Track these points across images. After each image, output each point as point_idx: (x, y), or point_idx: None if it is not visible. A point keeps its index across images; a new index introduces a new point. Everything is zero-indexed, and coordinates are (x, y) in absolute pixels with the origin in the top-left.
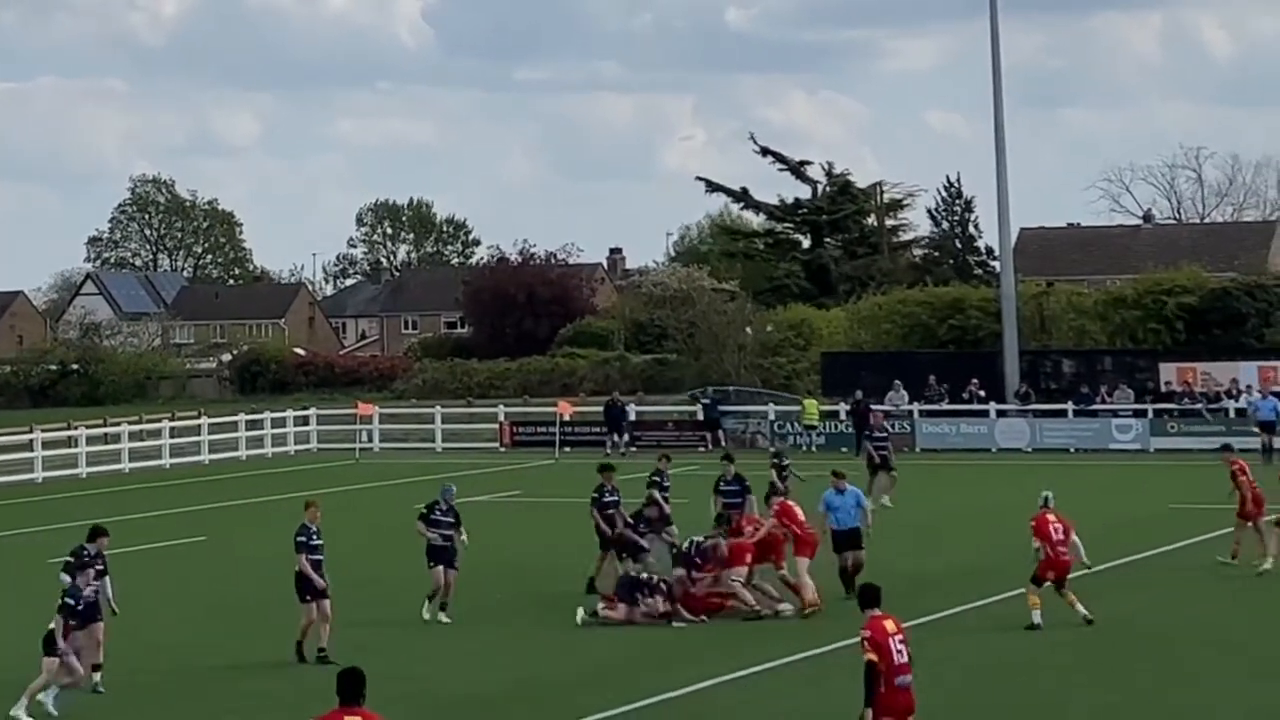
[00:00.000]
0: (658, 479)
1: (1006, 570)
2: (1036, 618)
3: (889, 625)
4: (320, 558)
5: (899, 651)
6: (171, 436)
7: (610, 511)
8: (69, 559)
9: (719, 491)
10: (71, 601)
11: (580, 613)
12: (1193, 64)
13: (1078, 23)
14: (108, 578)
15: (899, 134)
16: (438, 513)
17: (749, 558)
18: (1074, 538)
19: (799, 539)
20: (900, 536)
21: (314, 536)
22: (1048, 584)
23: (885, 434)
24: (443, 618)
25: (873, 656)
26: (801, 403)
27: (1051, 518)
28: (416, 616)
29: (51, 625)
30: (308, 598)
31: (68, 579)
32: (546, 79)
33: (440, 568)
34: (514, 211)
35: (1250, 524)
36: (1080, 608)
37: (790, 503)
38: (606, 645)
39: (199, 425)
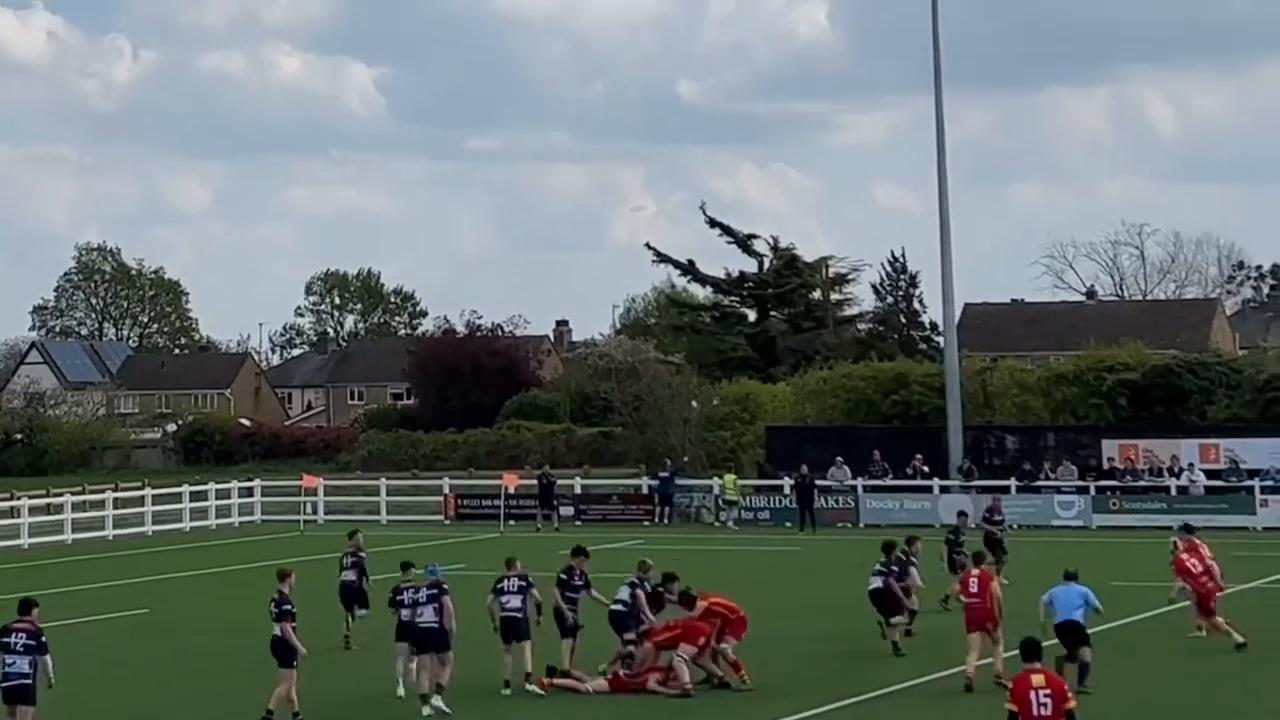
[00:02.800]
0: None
1: (952, 640)
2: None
3: (1036, 679)
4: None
5: (1042, 704)
6: (115, 507)
7: (574, 597)
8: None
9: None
10: None
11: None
12: (1138, 141)
13: (1026, 99)
14: (48, 656)
15: (847, 208)
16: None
17: (702, 639)
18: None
19: (736, 621)
20: (848, 610)
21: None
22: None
23: (1003, 517)
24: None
25: (1013, 707)
26: (722, 477)
27: (1185, 556)
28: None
29: None
30: (295, 663)
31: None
32: (498, 148)
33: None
34: (462, 281)
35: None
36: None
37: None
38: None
39: (143, 496)
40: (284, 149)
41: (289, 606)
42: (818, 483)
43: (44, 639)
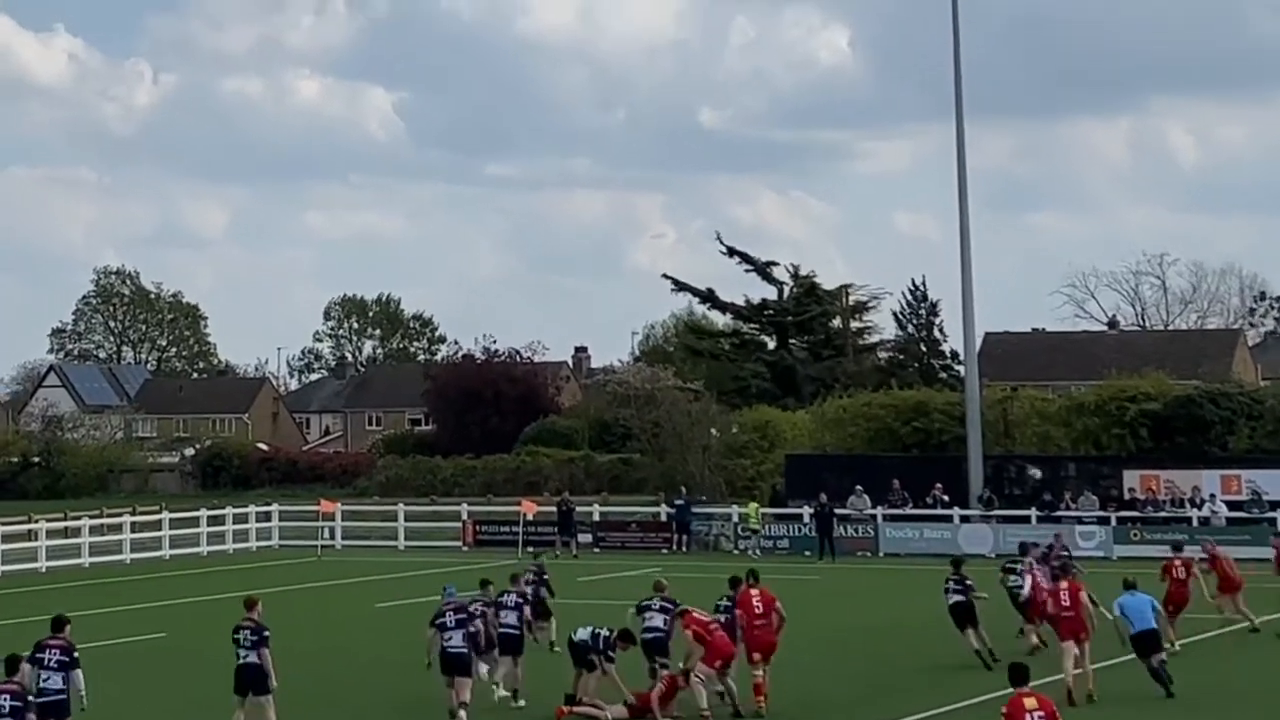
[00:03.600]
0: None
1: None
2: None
3: (1029, 702)
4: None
5: None
6: (133, 531)
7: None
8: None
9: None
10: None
11: None
12: (1159, 170)
13: (1048, 128)
14: (80, 670)
15: (867, 236)
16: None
17: (719, 661)
18: None
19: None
20: (873, 639)
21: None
22: None
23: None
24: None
25: None
26: (745, 505)
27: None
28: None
29: None
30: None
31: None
32: (517, 174)
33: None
34: (481, 307)
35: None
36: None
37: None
38: None
39: (160, 520)
40: (303, 173)
41: (268, 633)
42: (837, 511)
43: (76, 654)
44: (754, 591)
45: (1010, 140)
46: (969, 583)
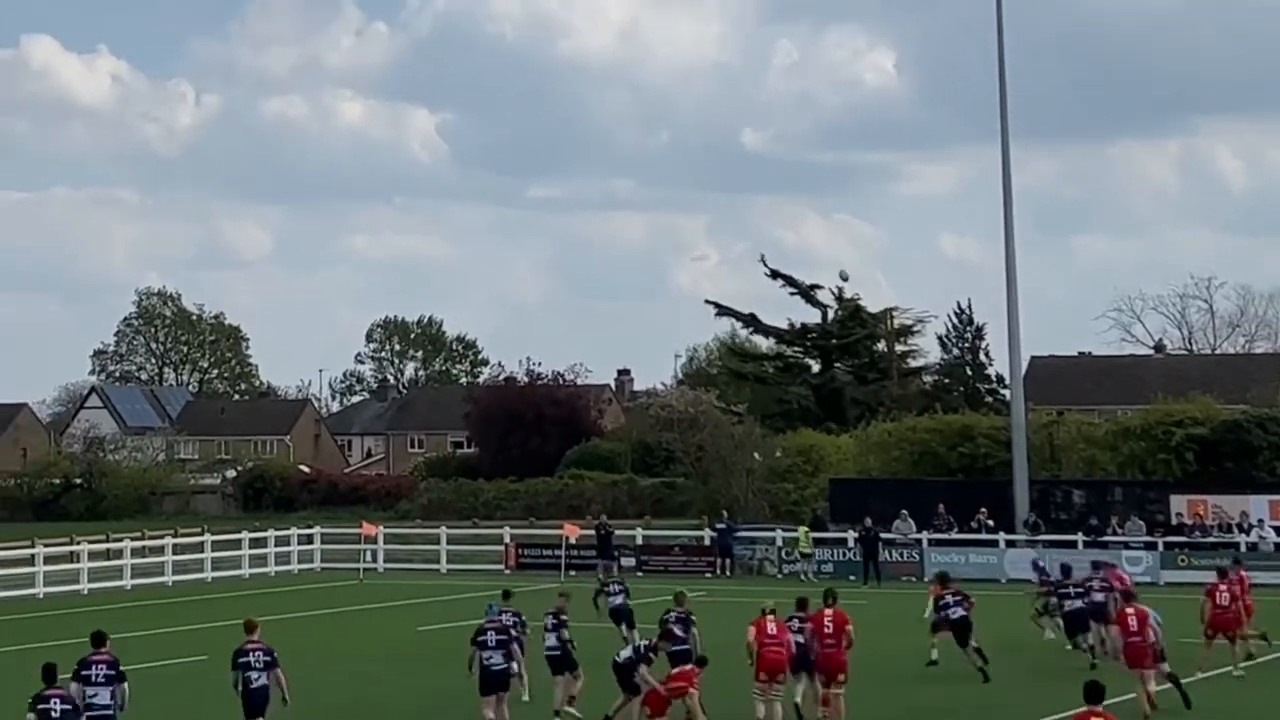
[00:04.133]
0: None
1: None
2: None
3: None
4: None
5: None
6: (174, 553)
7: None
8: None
9: None
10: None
11: None
12: (1207, 193)
13: (1095, 150)
14: (126, 684)
15: (912, 259)
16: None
17: (764, 675)
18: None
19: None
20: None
21: None
22: None
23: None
24: None
25: None
26: (796, 529)
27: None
28: None
29: None
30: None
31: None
32: (560, 196)
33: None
34: (523, 329)
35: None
36: None
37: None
38: None
39: (202, 542)
40: (345, 194)
41: (275, 655)
42: (882, 535)
43: (121, 668)
44: (827, 612)
45: (1057, 163)
46: (967, 597)
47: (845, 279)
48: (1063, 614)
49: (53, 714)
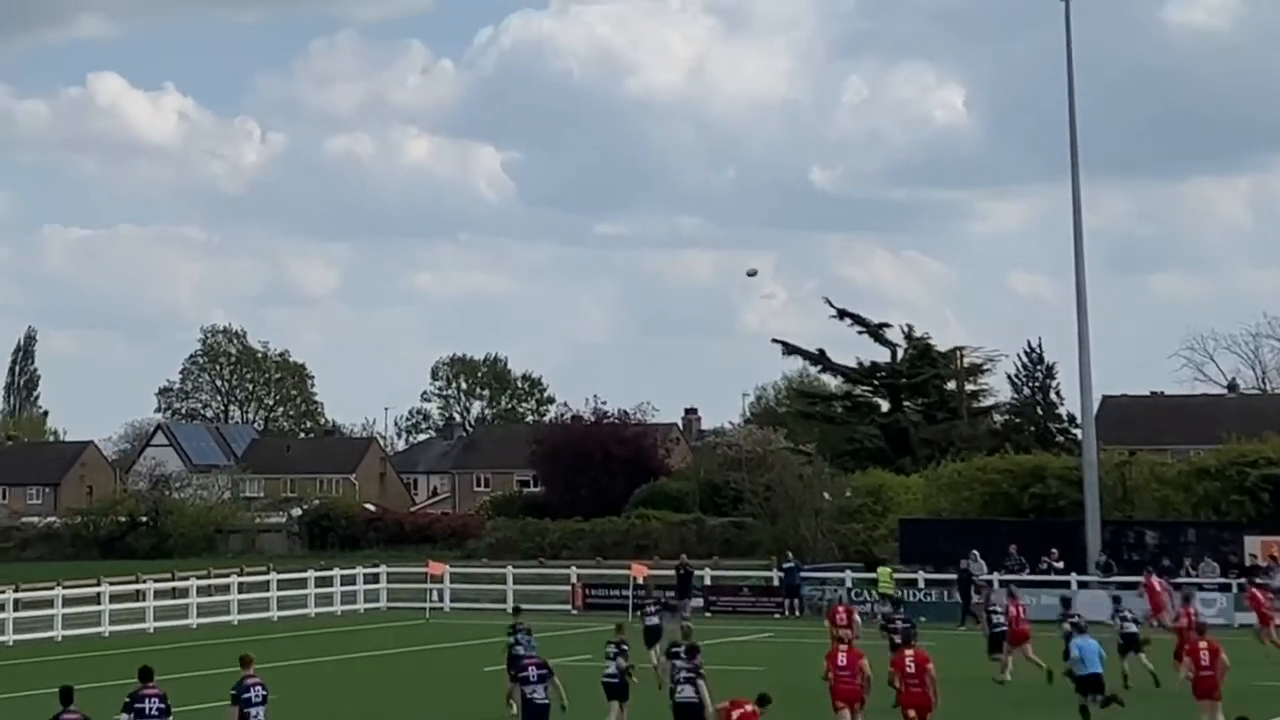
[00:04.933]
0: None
1: None
2: None
3: None
4: None
5: None
6: (240, 592)
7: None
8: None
9: None
10: None
11: None
12: None
13: (1168, 188)
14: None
15: (983, 296)
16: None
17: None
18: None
19: None
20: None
21: None
22: None
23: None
24: None
25: None
26: (877, 571)
27: None
28: None
29: None
30: None
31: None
32: (627, 233)
33: None
34: (589, 368)
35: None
36: None
37: None
38: None
39: (268, 581)
40: (411, 232)
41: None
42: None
43: (169, 702)
44: (908, 652)
45: (1130, 200)
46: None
47: (753, 274)
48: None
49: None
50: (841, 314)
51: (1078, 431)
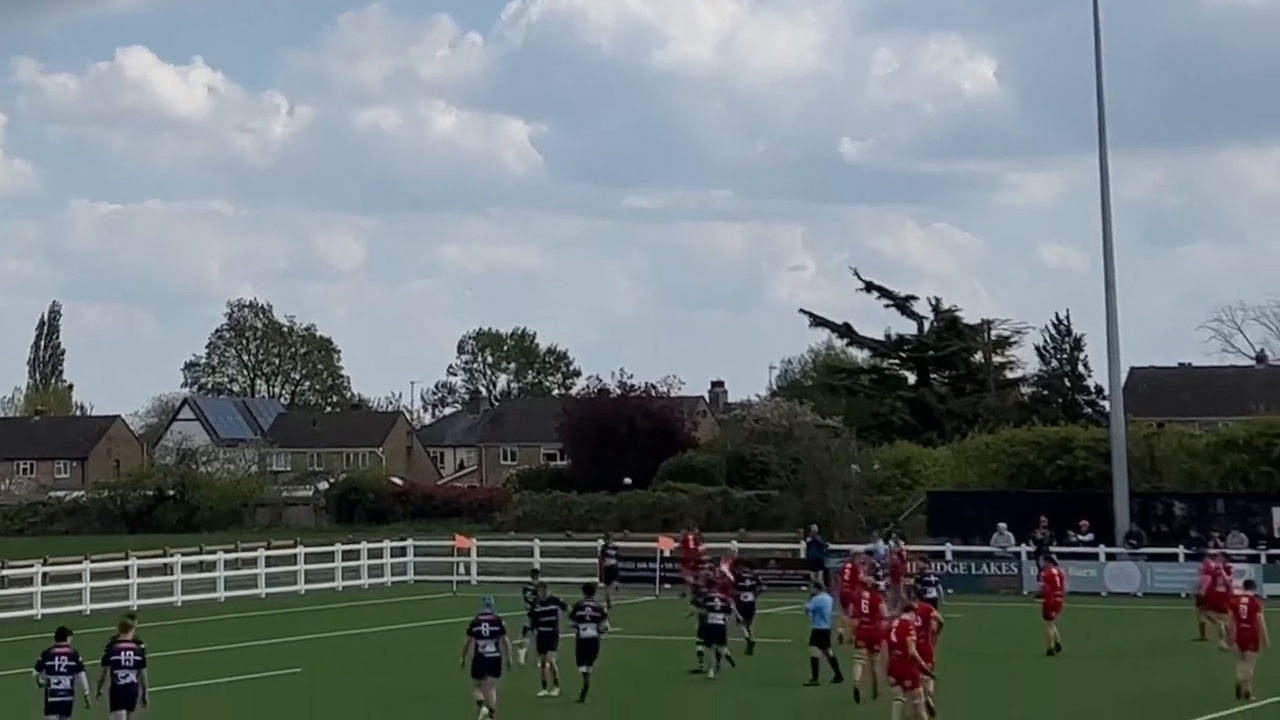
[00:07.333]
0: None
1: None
2: None
3: None
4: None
5: None
6: (267, 565)
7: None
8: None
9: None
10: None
11: None
12: None
13: (1198, 159)
14: (84, 674)
15: (1012, 268)
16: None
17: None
18: None
19: None
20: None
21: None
22: None
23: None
24: None
25: None
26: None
27: None
28: None
29: None
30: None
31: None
32: (655, 207)
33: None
34: (616, 341)
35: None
36: None
37: None
38: None
39: (295, 554)
40: (438, 206)
41: (144, 655)
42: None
43: (81, 659)
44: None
45: (1160, 172)
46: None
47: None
48: None
49: (127, 662)
50: (869, 286)
51: (1105, 403)
